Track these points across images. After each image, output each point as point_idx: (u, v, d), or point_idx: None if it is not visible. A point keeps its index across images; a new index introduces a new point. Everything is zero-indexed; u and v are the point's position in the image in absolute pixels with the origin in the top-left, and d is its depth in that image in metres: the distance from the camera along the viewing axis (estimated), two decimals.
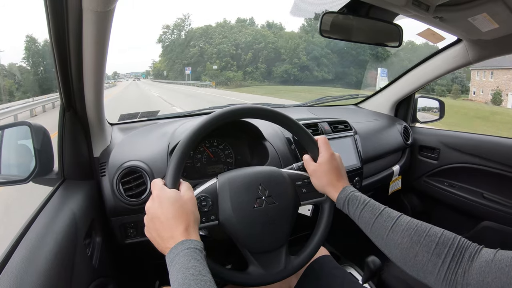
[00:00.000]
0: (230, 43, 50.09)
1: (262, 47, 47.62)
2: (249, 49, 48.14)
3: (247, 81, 44.15)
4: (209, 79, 42.37)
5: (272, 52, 46.70)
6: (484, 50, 1.02)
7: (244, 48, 48.67)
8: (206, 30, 53.76)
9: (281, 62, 45.16)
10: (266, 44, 47.59)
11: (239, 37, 49.90)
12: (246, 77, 45.58)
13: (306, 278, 0.76)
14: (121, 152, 0.80)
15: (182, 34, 57.13)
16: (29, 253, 0.46)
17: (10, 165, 0.74)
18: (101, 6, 0.49)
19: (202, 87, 32.21)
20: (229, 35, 51.20)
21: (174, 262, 0.42)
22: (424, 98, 1.52)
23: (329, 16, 0.82)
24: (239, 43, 49.44)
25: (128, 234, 0.78)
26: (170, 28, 58.12)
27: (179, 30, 57.59)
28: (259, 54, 47.38)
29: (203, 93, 20.82)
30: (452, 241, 0.45)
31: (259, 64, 46.63)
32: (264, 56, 46.80)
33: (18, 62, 41.86)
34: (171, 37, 58.45)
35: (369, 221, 0.55)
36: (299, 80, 42.02)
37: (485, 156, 1.22)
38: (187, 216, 0.48)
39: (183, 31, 57.19)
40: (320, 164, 0.63)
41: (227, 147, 0.93)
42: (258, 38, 48.76)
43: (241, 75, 45.64)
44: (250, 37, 48.94)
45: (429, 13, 0.69)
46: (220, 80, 43.73)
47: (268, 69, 45.79)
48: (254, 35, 49.31)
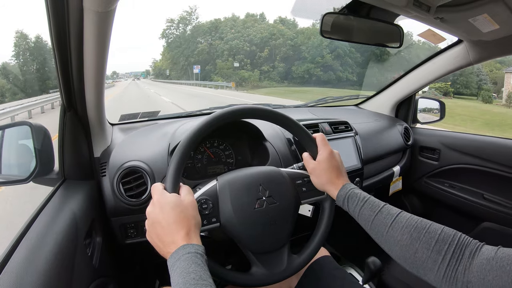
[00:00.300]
0: (243, 38, 43.71)
1: (279, 44, 41.13)
2: (265, 45, 42.00)
3: (263, 81, 38.31)
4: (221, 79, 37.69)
5: (291, 49, 40.24)
6: (485, 51, 1.02)
7: (259, 44, 42.26)
8: (216, 25, 47.90)
9: (302, 60, 37.82)
10: (285, 40, 41.35)
11: (252, 32, 43.58)
12: (262, 77, 39.77)
13: (306, 278, 0.76)
14: (121, 152, 0.80)
15: (188, 29, 51.31)
16: (29, 253, 0.46)
17: (10, 165, 0.74)
18: (102, 6, 0.49)
19: (219, 89, 26.11)
20: (242, 30, 44.93)
21: (175, 266, 0.42)
22: (425, 99, 1.52)
23: (330, 16, 0.82)
24: (253, 39, 42.94)
25: (128, 234, 0.78)
26: (175, 22, 52.54)
27: (185, 24, 51.71)
28: (276, 52, 40.93)
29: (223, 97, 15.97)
30: (453, 237, 0.45)
31: (276, 62, 40.01)
32: (282, 54, 40.15)
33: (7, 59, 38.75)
34: (176, 32, 52.69)
35: (369, 218, 0.54)
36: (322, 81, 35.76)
37: (485, 157, 1.21)
38: (188, 221, 0.48)
39: (189, 26, 51.32)
40: (319, 162, 0.63)
41: (228, 147, 0.93)
42: (275, 33, 42.08)
43: (258, 74, 39.45)
44: (266, 33, 42.54)
45: (430, 14, 0.69)
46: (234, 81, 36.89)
47: (286, 68, 39.02)
48: (270, 30, 42.71)
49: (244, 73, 40.13)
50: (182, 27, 52.24)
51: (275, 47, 41.38)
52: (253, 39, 43.04)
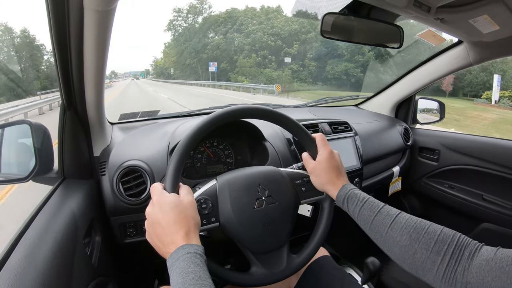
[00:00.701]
0: (267, 31, 35.96)
1: (311, 39, 33.37)
2: (294, 40, 34.31)
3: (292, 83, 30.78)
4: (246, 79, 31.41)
5: (323, 45, 32.05)
6: (485, 52, 1.02)
7: (287, 39, 34.33)
8: (233, 15, 39.70)
9: (338, 59, 30.33)
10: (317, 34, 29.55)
11: (278, 24, 36.01)
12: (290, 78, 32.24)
13: (305, 278, 0.76)
14: (121, 152, 0.80)
15: (199, 19, 43.06)
16: (29, 252, 0.46)
17: (10, 163, 0.74)
18: (102, 5, 0.49)
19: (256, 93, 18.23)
20: (265, 21, 37.01)
21: (174, 266, 0.42)
22: (425, 100, 1.52)
23: (330, 16, 0.82)
24: (279, 32, 35.10)
25: (127, 234, 0.78)
26: (184, 12, 44.48)
27: (195, 14, 43.60)
28: (306, 48, 33.04)
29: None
30: (452, 238, 0.45)
31: (307, 60, 32.19)
32: (315, 50, 32.42)
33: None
34: (184, 23, 44.32)
35: (368, 219, 0.54)
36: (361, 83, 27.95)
37: (485, 158, 1.22)
38: (187, 221, 0.48)
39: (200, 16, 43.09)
40: (319, 162, 0.63)
41: (227, 147, 0.93)
42: (305, 26, 34.00)
43: (289, 74, 31.57)
44: (296, 25, 34.51)
45: (430, 14, 0.69)
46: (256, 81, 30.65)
47: (318, 68, 31.55)
48: (300, 22, 34.42)
49: (271, 72, 32.50)
50: (192, 17, 44.14)
51: (306, 42, 33.82)
52: (280, 32, 35.13)
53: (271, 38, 35.44)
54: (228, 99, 14.46)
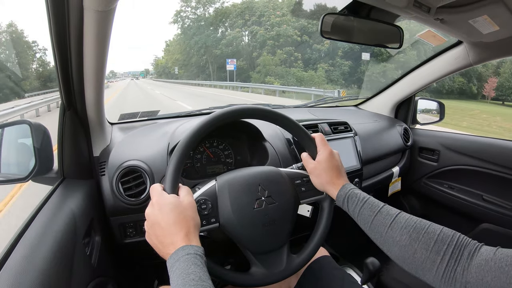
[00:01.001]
0: (292, 24, 30.66)
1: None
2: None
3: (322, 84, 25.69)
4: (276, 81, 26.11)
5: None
6: (485, 52, 1.02)
7: (315, 33, 28.33)
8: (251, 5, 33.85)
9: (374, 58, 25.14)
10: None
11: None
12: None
13: (305, 278, 0.76)
14: (121, 152, 0.80)
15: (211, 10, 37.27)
16: (28, 252, 0.46)
17: (9, 163, 0.74)
18: (102, 5, 0.49)
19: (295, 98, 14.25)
20: (288, 13, 31.54)
21: (174, 267, 0.42)
22: (424, 100, 1.52)
23: (330, 17, 0.82)
24: (306, 25, 29.93)
25: (127, 234, 0.78)
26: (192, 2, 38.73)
27: (205, 5, 38.01)
28: (338, 45, 27.37)
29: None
30: (451, 238, 0.45)
31: (338, 59, 27.76)
32: (348, 48, 26.83)
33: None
34: (192, 16, 38.58)
35: (368, 219, 0.54)
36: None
37: (485, 158, 1.22)
38: (187, 222, 0.47)
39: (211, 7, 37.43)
40: (319, 162, 0.63)
41: (227, 147, 0.93)
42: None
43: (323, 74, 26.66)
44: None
45: (430, 15, 0.69)
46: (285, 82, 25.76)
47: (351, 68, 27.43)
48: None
49: (300, 72, 27.28)
50: (201, 8, 38.31)
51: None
52: (307, 25, 29.92)
53: (297, 33, 30.30)
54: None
